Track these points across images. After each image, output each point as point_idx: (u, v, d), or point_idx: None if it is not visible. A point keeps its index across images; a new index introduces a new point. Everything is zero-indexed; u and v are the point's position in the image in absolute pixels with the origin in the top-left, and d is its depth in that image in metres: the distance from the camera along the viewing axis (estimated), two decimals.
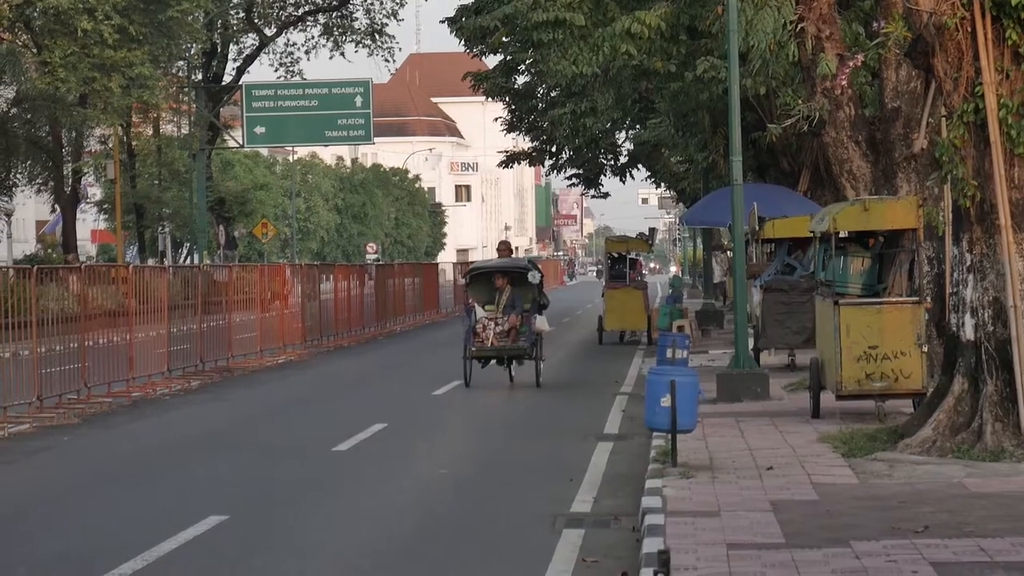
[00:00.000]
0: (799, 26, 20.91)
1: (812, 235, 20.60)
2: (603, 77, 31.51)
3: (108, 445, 19.40)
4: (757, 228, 26.78)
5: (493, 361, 25.83)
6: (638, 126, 47.66)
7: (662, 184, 69.46)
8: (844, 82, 20.36)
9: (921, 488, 13.37)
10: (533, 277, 25.65)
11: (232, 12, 60.47)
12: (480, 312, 25.61)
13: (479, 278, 26.49)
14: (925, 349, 17.85)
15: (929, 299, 19.20)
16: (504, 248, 28.15)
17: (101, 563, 11.49)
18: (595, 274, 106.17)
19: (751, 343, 24.83)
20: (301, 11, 61.64)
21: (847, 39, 21.98)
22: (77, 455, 18.48)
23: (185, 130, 63.87)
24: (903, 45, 16.64)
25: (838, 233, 18.79)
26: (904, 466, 14.55)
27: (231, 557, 11.93)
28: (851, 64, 19.88)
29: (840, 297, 18.43)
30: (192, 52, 57.30)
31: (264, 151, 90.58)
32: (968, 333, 15.31)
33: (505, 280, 25.81)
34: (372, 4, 60.89)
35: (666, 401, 14.96)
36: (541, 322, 25.49)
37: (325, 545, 12.43)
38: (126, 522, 13.67)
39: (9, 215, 58.23)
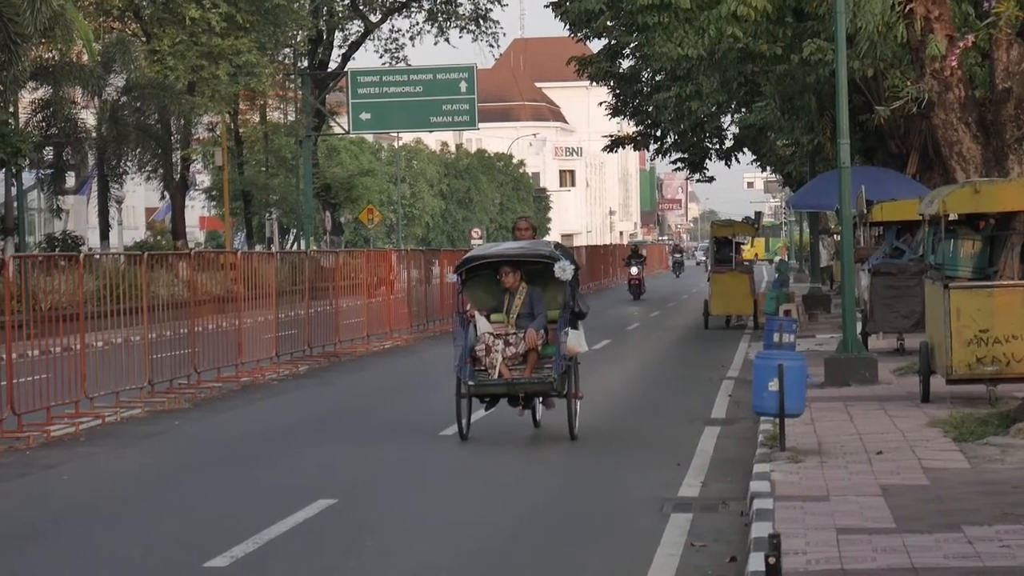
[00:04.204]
0: (907, 7, 20.66)
1: (921, 218, 20.38)
2: (708, 60, 31.37)
3: (218, 429, 19.61)
4: (865, 211, 26.55)
5: (504, 400, 17.60)
6: (743, 109, 47.41)
7: (768, 168, 69.03)
8: (954, 63, 20.13)
9: None
10: (562, 270, 16.88)
11: None
12: (483, 325, 17.27)
13: (479, 273, 17.76)
14: None
15: None
16: (523, 226, 18.65)
17: (213, 546, 11.61)
18: (672, 264, 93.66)
19: (859, 327, 24.62)
20: None
21: (957, 19, 21.70)
22: (187, 439, 18.70)
23: (291, 117, 64.41)
24: (1015, 25, 16.42)
25: (948, 216, 18.59)
26: (1017, 451, 14.38)
27: (340, 540, 12.02)
28: (961, 45, 19.65)
29: (950, 280, 18.23)
30: (298, 39, 57.74)
31: (369, 137, 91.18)
32: None
33: (517, 276, 17.32)
34: None
35: (774, 385, 14.88)
36: (575, 339, 17.07)
37: (432, 528, 12.49)
38: (236, 505, 13.82)
39: (120, 202, 58.96)
